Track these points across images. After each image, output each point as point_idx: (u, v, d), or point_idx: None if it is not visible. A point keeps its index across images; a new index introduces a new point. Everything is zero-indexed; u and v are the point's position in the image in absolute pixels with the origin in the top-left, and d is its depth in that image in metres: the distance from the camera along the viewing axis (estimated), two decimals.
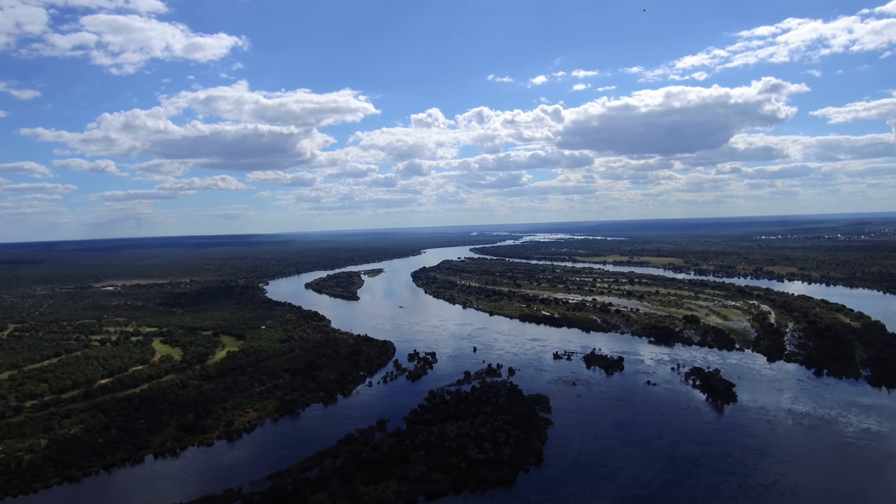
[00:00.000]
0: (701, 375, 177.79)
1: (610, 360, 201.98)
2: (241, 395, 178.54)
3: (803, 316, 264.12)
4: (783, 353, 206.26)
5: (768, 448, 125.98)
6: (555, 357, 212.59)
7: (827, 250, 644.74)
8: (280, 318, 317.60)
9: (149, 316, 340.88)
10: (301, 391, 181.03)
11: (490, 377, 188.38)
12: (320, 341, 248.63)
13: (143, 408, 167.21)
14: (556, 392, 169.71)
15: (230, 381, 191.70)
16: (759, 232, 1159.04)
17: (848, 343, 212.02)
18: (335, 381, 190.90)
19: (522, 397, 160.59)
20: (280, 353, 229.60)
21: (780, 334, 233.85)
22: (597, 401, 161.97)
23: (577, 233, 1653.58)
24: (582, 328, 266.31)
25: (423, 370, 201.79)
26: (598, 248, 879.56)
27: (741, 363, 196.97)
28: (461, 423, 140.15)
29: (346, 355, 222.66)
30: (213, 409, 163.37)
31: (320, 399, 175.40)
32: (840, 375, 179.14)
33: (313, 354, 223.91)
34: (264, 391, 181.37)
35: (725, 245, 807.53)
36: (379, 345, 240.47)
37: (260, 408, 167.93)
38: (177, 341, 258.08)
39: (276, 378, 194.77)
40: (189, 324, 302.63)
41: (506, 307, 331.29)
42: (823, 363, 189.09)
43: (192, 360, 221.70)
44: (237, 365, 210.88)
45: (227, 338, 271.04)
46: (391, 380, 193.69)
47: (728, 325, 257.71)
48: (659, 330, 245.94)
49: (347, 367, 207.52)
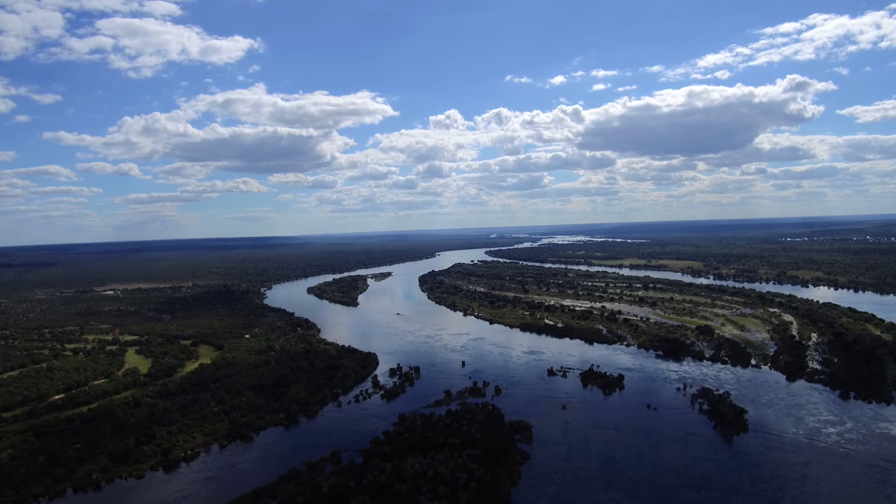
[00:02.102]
0: (709, 398, 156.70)
1: (609, 378, 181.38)
2: (195, 415, 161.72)
3: (828, 327, 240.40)
4: (805, 370, 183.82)
5: (781, 497, 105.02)
6: (549, 373, 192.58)
7: (855, 253, 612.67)
8: (269, 325, 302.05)
9: (136, 322, 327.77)
10: (261, 412, 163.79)
11: (473, 398, 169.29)
12: (300, 353, 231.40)
13: (84, 430, 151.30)
14: (542, 417, 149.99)
15: (188, 399, 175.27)
16: (784, 234, 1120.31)
17: (878, 359, 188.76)
18: (303, 399, 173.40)
19: (501, 424, 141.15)
20: (254, 367, 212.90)
21: (801, 348, 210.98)
22: (587, 429, 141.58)
23: (598, 235, 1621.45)
24: (585, 339, 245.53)
25: (401, 388, 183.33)
26: (617, 250, 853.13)
27: (756, 383, 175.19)
28: (425, 457, 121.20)
29: (323, 369, 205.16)
30: (157, 433, 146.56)
31: (280, 421, 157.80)
32: (869, 398, 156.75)
33: (287, 368, 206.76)
34: (221, 411, 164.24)
35: (748, 248, 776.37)
36: (361, 357, 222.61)
37: (210, 431, 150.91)
38: (151, 352, 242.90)
39: (239, 396, 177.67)
40: (173, 332, 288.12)
41: (507, 315, 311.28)
42: (850, 384, 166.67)
43: (158, 374, 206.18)
44: (202, 380, 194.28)
45: (205, 347, 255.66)
46: (364, 399, 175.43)
47: (745, 337, 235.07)
48: (668, 343, 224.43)
49: (321, 382, 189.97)
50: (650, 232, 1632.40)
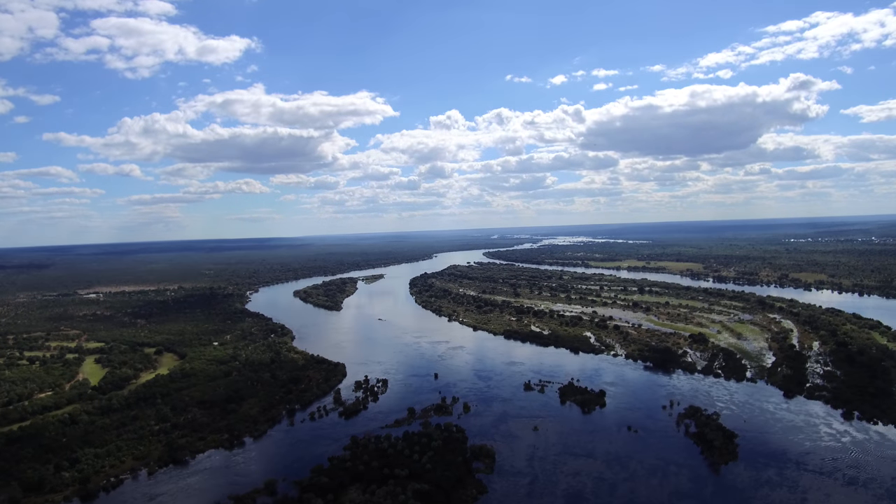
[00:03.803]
0: (697, 419, 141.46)
1: (589, 394, 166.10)
2: (132, 435, 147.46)
3: (831, 335, 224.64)
4: (804, 386, 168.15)
5: None
6: (526, 388, 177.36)
7: (860, 254, 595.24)
8: (243, 331, 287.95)
9: (108, 328, 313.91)
10: (205, 431, 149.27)
11: (438, 416, 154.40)
12: (265, 363, 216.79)
13: (5, 453, 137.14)
14: (509, 440, 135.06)
15: (130, 416, 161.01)
16: (788, 234, 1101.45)
17: (885, 373, 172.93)
18: (253, 417, 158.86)
19: (461, 450, 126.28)
20: (212, 378, 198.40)
21: (801, 360, 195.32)
22: (557, 455, 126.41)
23: (601, 236, 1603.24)
24: (571, 348, 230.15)
25: (363, 404, 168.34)
26: (616, 252, 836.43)
27: (751, 400, 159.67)
28: (364, 492, 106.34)
29: (285, 381, 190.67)
30: (83, 457, 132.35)
31: (222, 443, 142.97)
32: (874, 419, 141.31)
33: (246, 381, 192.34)
34: (160, 430, 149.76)
35: (751, 249, 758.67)
36: (329, 368, 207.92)
37: (143, 454, 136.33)
38: (110, 361, 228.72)
39: (185, 413, 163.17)
40: (141, 338, 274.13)
41: (493, 321, 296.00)
42: (854, 402, 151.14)
43: (108, 387, 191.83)
44: (151, 394, 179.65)
45: (169, 356, 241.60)
46: (321, 416, 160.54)
47: (741, 347, 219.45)
48: (658, 353, 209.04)
49: (279, 397, 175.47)
50: (653, 233, 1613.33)
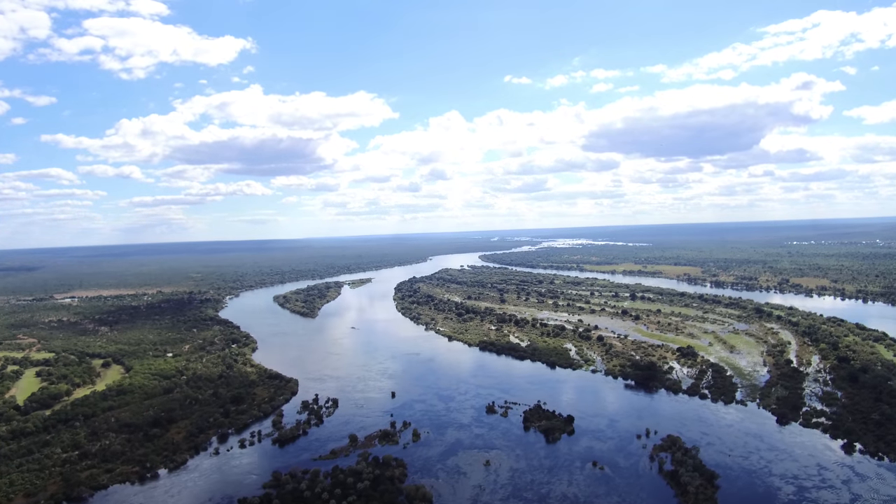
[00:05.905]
0: (674, 451, 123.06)
1: (557, 419, 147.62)
2: (34, 465, 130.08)
3: (832, 349, 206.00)
4: (800, 410, 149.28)
5: None
6: (488, 411, 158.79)
7: (864, 258, 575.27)
8: (205, 340, 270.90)
9: (67, 335, 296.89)
10: (117, 461, 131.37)
11: (382, 444, 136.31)
12: (213, 377, 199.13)
13: None
14: (454, 479, 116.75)
15: (42, 441, 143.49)
16: (791, 237, 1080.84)
17: (890, 395, 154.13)
18: (177, 444, 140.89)
19: (392, 492, 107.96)
20: (150, 396, 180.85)
21: (799, 378, 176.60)
22: (503, 499, 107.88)
23: (602, 238, 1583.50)
24: (548, 363, 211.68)
25: (303, 429, 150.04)
26: (613, 255, 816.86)
27: (739, 427, 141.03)
28: None
29: (226, 400, 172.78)
30: None
31: (132, 475, 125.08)
32: (880, 453, 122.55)
33: (183, 399, 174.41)
34: (66, 460, 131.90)
35: (752, 252, 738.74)
36: (280, 384, 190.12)
37: (37, 489, 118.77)
38: (50, 374, 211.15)
39: (103, 438, 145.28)
40: (96, 348, 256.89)
41: (471, 330, 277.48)
42: (856, 432, 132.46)
43: (35, 405, 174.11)
44: (75, 414, 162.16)
45: (115, 368, 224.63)
46: (253, 443, 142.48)
47: (733, 362, 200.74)
48: (641, 369, 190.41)
49: (213, 419, 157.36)
50: (655, 235, 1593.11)
